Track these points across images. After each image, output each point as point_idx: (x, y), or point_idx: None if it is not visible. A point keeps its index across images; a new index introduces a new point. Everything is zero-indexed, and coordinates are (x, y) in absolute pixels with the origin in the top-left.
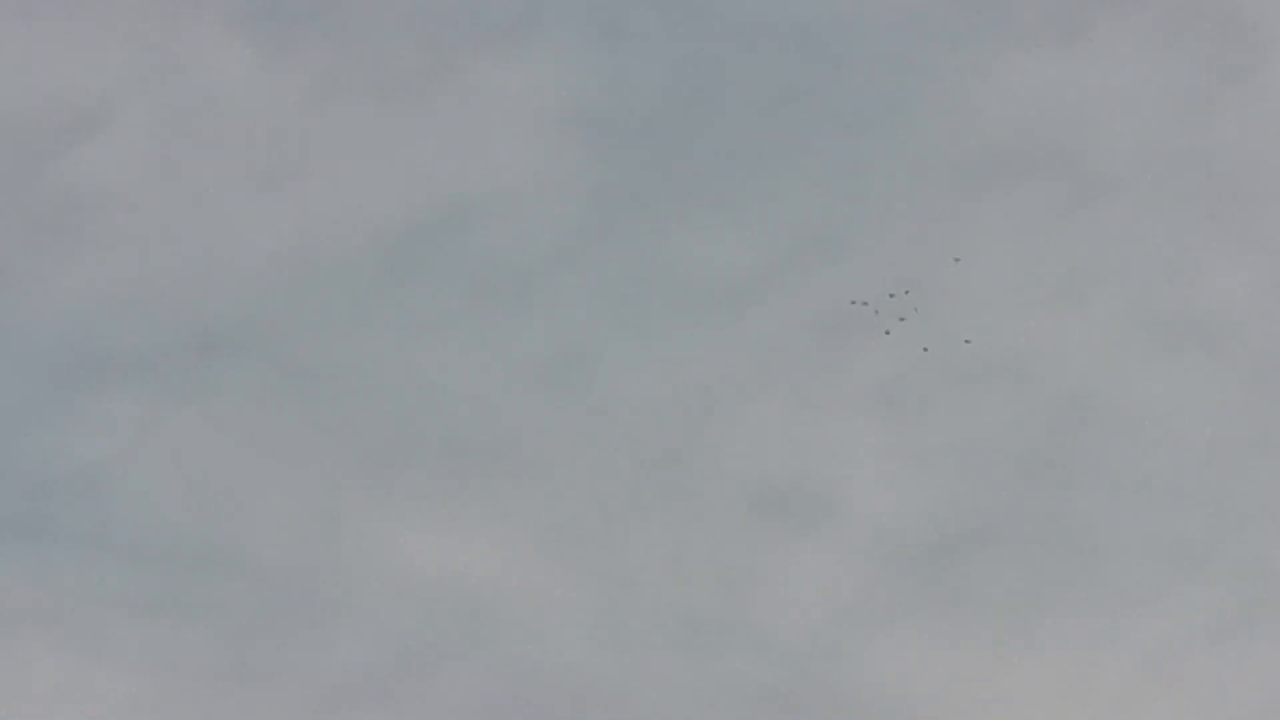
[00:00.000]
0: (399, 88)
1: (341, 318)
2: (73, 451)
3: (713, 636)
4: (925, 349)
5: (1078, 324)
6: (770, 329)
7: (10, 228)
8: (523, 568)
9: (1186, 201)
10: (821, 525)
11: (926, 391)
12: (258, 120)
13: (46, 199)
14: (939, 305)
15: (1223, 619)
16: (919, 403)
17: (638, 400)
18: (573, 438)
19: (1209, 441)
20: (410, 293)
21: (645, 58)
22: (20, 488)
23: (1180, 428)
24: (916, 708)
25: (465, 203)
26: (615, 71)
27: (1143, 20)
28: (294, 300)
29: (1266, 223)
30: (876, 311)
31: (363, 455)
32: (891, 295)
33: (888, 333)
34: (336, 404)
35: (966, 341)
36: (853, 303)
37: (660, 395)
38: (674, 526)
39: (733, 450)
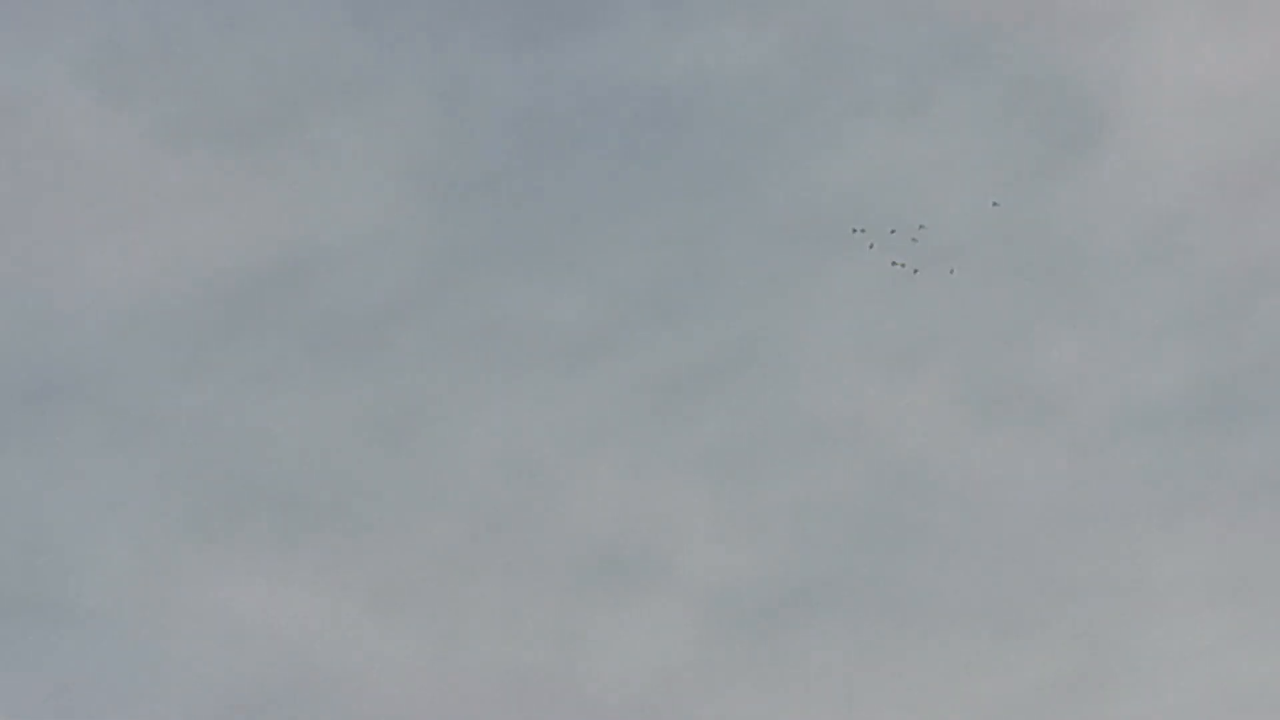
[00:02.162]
0: (241, 138)
1: (176, 367)
2: None
3: (541, 696)
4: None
5: (911, 391)
6: (605, 389)
7: None
8: (353, 623)
9: (1020, 273)
10: (652, 587)
11: (759, 455)
12: (97, 166)
13: None
14: (773, 369)
15: (1049, 685)
16: (751, 466)
17: (472, 457)
18: (406, 493)
19: (1038, 510)
20: (246, 344)
21: (487, 116)
22: None
23: (1009, 496)
24: None
25: (304, 255)
26: (457, 129)
27: (982, 93)
28: (129, 348)
29: (1098, 296)
30: (871, 245)
31: (195, 506)
32: (892, 231)
33: (896, 263)
34: (170, 454)
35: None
36: (854, 230)
37: (494, 453)
38: (505, 585)
39: (565, 509)
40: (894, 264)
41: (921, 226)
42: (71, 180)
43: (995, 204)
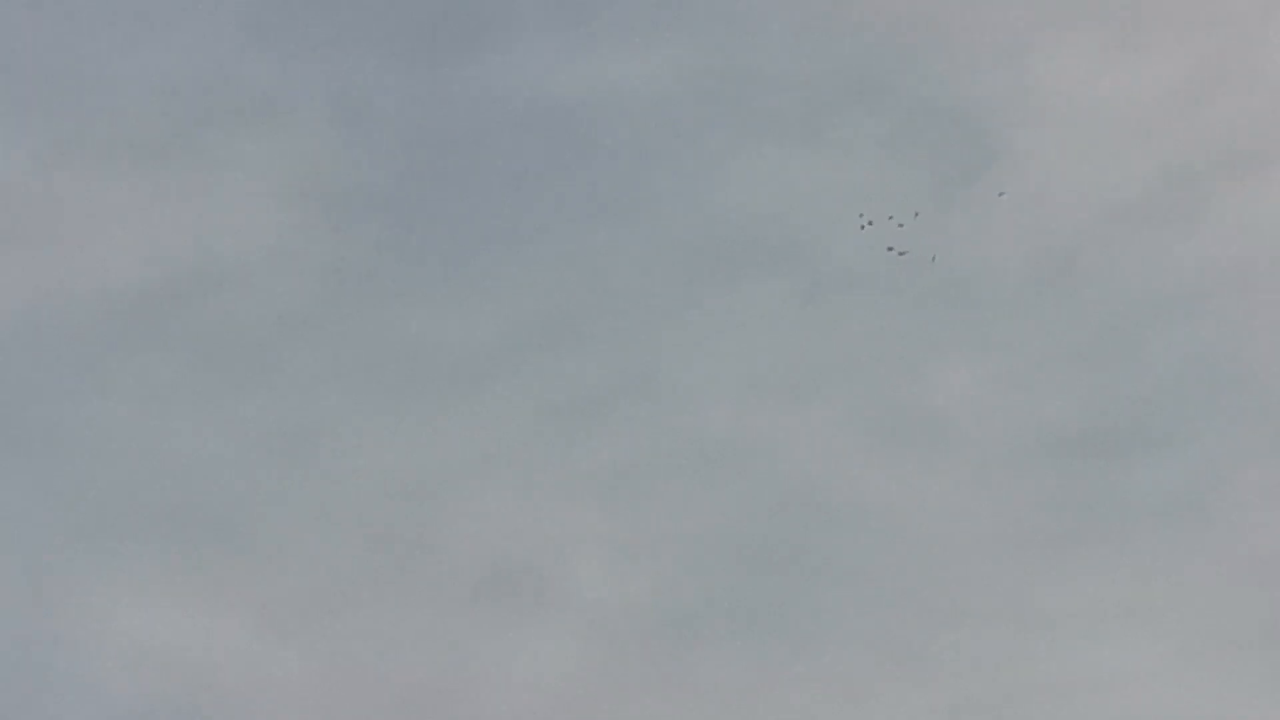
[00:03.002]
0: (137, 154)
1: (69, 384)
2: None
3: (430, 715)
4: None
5: (805, 417)
6: (499, 411)
7: None
8: (243, 640)
9: (915, 300)
10: (541, 608)
11: (652, 478)
12: None
13: None
14: (668, 393)
15: (938, 712)
16: (643, 489)
17: (365, 477)
18: (299, 512)
19: (930, 537)
20: (140, 360)
21: (385, 135)
22: None
23: (902, 523)
24: None
25: (199, 272)
26: (354, 148)
27: (878, 120)
28: (21, 364)
29: (992, 324)
30: (867, 225)
31: (85, 523)
32: (890, 218)
33: (896, 251)
34: (60, 470)
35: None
36: (860, 215)
37: (387, 473)
38: (396, 604)
39: (456, 530)
40: (889, 249)
41: (916, 214)
42: None
43: (1001, 194)
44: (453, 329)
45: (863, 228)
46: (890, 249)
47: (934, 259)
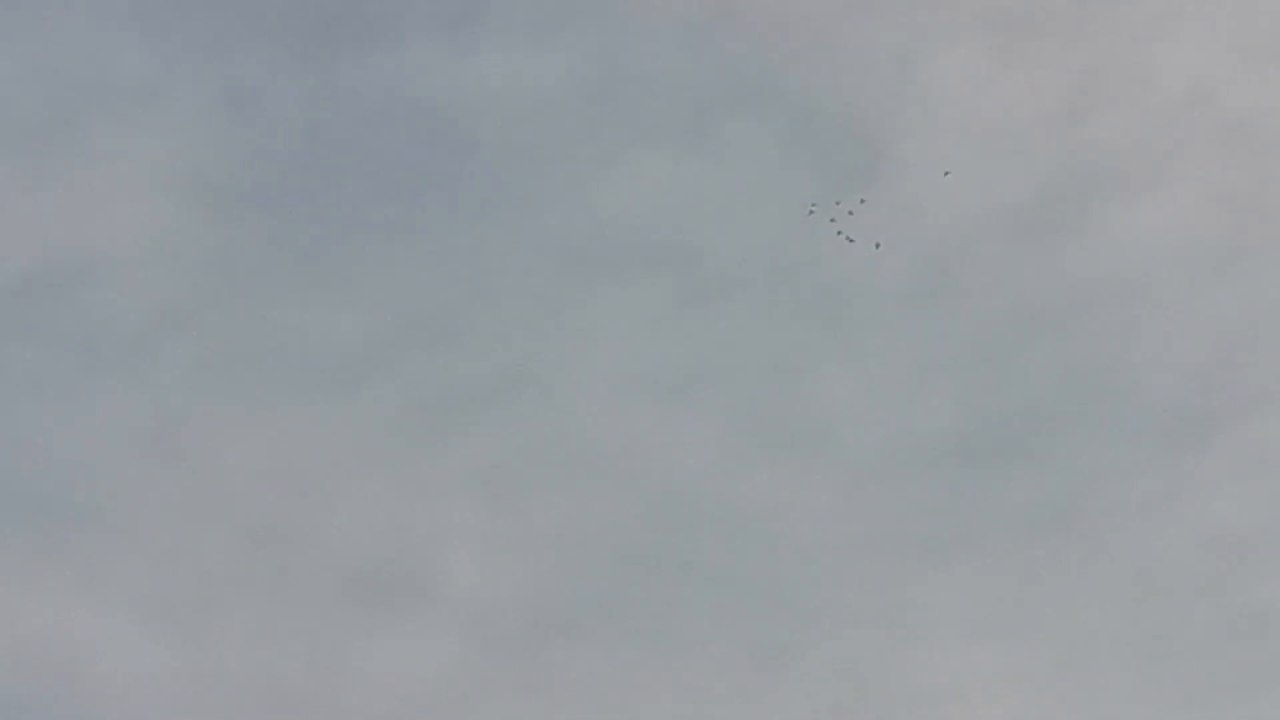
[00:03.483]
0: (17, 143)
1: None
2: None
3: (302, 708)
4: (878, 245)
5: (683, 420)
6: (377, 407)
7: None
8: (112, 633)
9: (796, 307)
10: (415, 604)
11: (528, 478)
12: None
13: None
14: (547, 393)
15: (807, 715)
16: (520, 488)
17: (239, 470)
18: (172, 504)
19: (803, 542)
20: (15, 350)
21: (269, 129)
22: None
23: (776, 528)
24: None
25: (76, 263)
26: (238, 141)
27: (764, 126)
28: None
29: (870, 332)
30: (812, 210)
31: None
32: (838, 203)
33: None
34: None
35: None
36: (810, 211)
37: (262, 467)
38: (268, 598)
39: (331, 525)
40: (839, 233)
41: (862, 201)
42: None
43: (946, 173)
44: (333, 325)
45: (810, 212)
46: (839, 233)
47: (878, 246)
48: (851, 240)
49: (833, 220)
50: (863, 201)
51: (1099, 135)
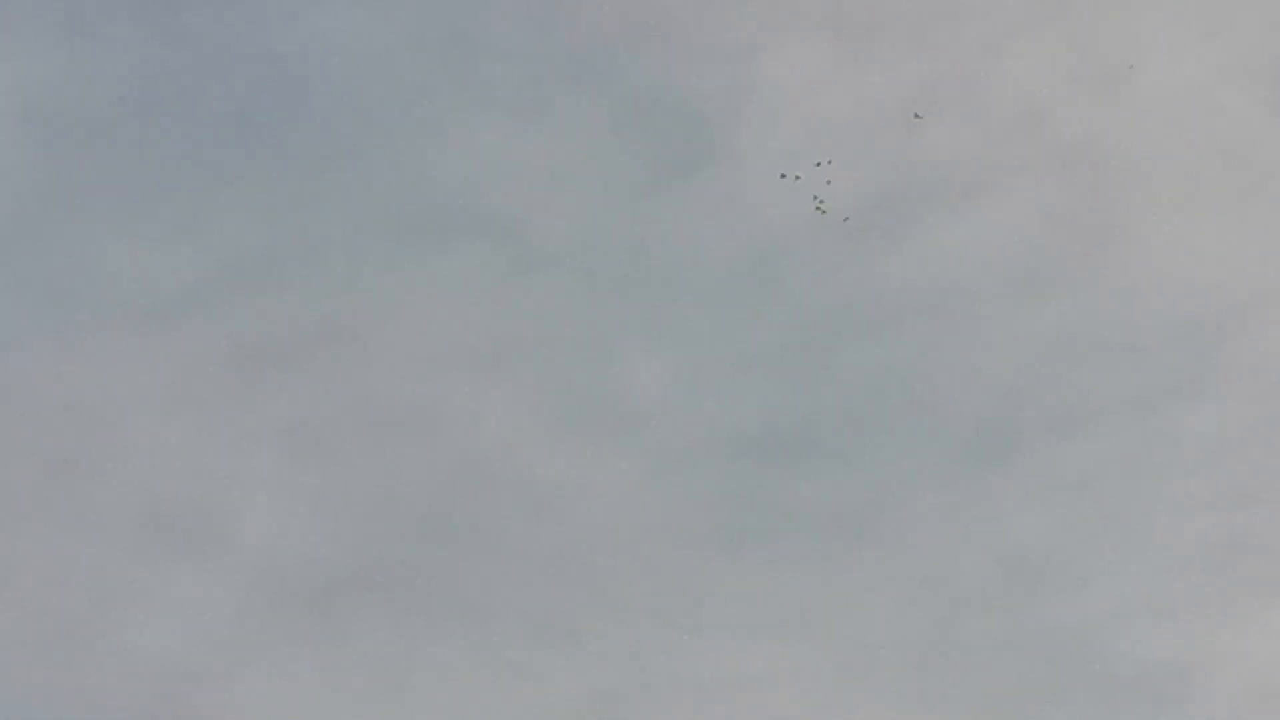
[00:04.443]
0: None
1: None
2: None
3: (80, 651)
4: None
5: (494, 391)
6: (187, 350)
7: None
8: None
9: (617, 289)
10: (207, 552)
11: (334, 435)
12: None
13: None
14: (360, 352)
15: (589, 697)
16: (324, 445)
17: (35, 402)
18: None
19: (604, 524)
20: None
21: (110, 64)
22: None
23: (578, 507)
24: None
25: None
26: (77, 73)
27: (600, 105)
28: None
29: (689, 320)
30: (795, 177)
31: None
32: (818, 164)
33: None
34: None
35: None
36: (782, 176)
37: (60, 400)
38: (54, 535)
39: (130, 465)
40: (814, 197)
41: (826, 163)
42: None
43: (917, 115)
44: (153, 263)
45: (792, 177)
46: (815, 198)
47: (846, 220)
48: (823, 210)
49: (798, 177)
50: (830, 162)
51: (931, 145)
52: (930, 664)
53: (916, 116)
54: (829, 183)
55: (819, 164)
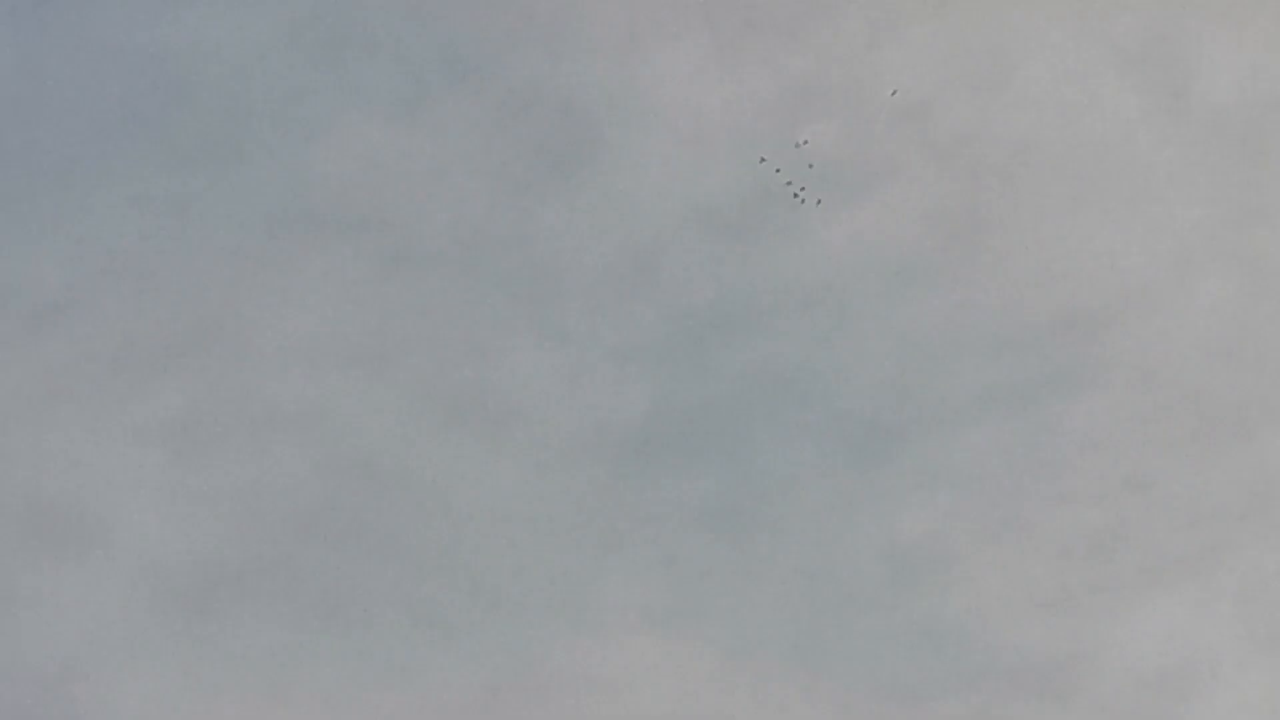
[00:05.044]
0: None
1: None
2: None
3: None
4: (819, 201)
5: (373, 388)
6: (65, 349)
7: None
8: None
9: (496, 285)
10: (86, 553)
11: (213, 433)
12: None
13: None
14: (239, 350)
15: (470, 693)
16: (204, 443)
17: None
18: None
19: (485, 520)
20: None
21: None
22: None
23: (458, 503)
24: None
25: None
26: None
27: (481, 101)
28: None
29: (568, 316)
30: (777, 170)
31: None
32: (797, 145)
33: (793, 189)
34: None
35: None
36: (761, 160)
37: None
38: None
39: (3, 466)
40: (789, 183)
41: (803, 143)
42: None
43: (894, 92)
44: (27, 263)
45: (774, 166)
46: (789, 184)
47: (819, 203)
48: (798, 193)
49: (778, 171)
50: (806, 142)
51: (811, 141)
52: (812, 658)
53: (893, 93)
54: (810, 166)
55: (798, 144)
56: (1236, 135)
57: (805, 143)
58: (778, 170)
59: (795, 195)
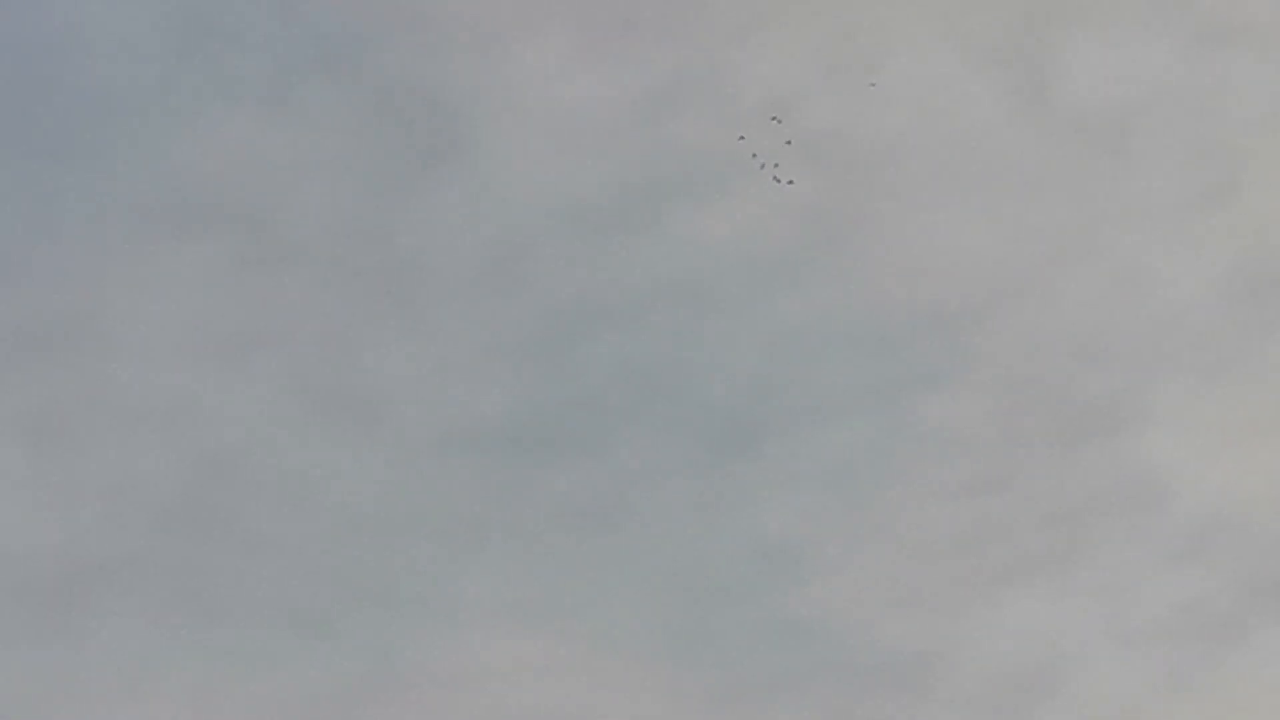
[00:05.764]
0: None
1: None
2: None
3: None
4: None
5: (235, 383)
6: None
7: None
8: None
9: (361, 279)
10: None
11: (74, 426)
12: None
13: None
14: (100, 343)
15: (332, 687)
16: (65, 436)
17: None
18: None
19: (347, 515)
20: None
21: None
22: None
23: (321, 499)
24: None
25: None
26: None
27: (347, 95)
28: None
29: (432, 312)
30: (762, 165)
31: None
32: (754, 155)
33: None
34: None
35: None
36: (740, 138)
37: None
38: None
39: None
40: (763, 165)
41: (776, 120)
42: None
43: (872, 84)
44: None
45: (750, 147)
46: (773, 170)
47: (790, 183)
48: (776, 177)
49: (763, 164)
50: (780, 120)
51: (677, 138)
52: (678, 655)
53: (775, 120)
54: (788, 143)
55: (774, 119)
56: (1099, 135)
57: (779, 120)
58: (754, 155)
59: (775, 179)
